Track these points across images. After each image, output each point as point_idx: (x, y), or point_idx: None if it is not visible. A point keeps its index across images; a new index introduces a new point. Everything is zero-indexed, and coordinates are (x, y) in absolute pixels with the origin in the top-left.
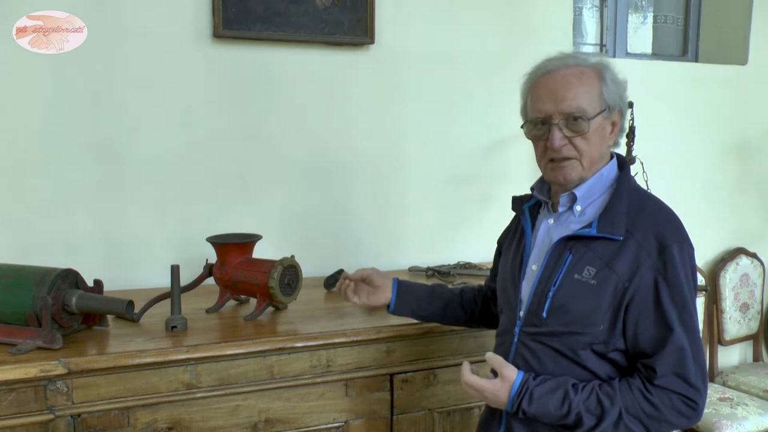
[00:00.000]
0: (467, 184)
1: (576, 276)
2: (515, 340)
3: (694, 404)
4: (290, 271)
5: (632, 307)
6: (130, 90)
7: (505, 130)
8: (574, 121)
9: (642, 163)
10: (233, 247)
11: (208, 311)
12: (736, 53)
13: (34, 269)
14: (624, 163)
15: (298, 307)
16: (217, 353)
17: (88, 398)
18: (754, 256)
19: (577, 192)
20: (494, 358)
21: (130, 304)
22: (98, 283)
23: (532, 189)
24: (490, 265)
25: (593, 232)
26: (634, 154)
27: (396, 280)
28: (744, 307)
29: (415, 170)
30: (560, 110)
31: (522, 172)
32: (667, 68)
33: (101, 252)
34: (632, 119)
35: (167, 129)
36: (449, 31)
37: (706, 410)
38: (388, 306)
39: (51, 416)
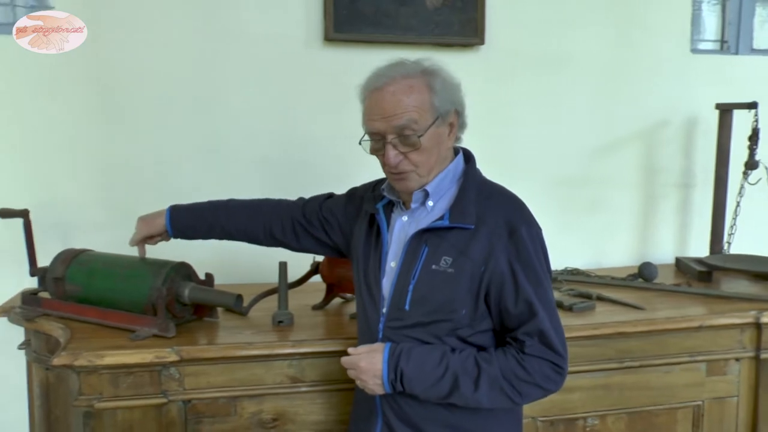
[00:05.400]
0: (574, 187)
1: (434, 266)
2: (380, 336)
3: (560, 369)
4: None
5: (492, 289)
6: (243, 92)
7: (615, 132)
8: (406, 137)
9: (766, 168)
10: None
11: (314, 308)
12: None
13: (151, 261)
14: (470, 156)
15: None
16: (322, 349)
17: (198, 385)
18: None
19: (429, 188)
20: (357, 348)
21: (239, 297)
22: (209, 277)
23: (382, 190)
24: (596, 271)
25: (446, 223)
26: (757, 158)
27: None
28: None
29: (523, 172)
30: (392, 127)
31: (632, 176)
32: None
33: (213, 247)
34: (756, 120)
35: (278, 130)
36: (560, 31)
37: None
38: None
39: (164, 400)
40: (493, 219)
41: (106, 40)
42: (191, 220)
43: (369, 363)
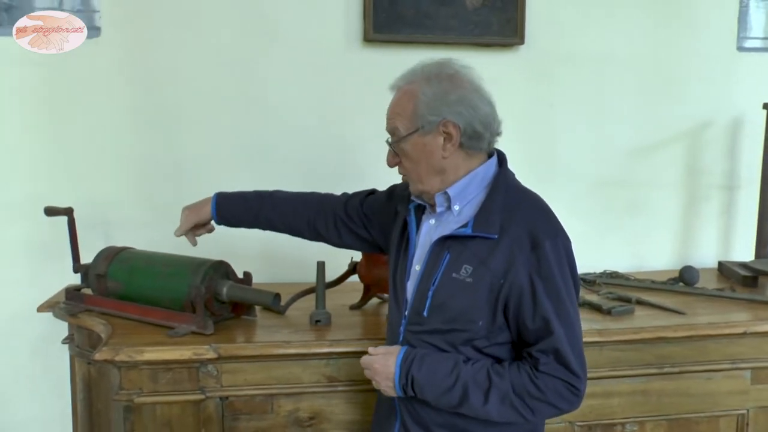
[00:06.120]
0: (615, 188)
1: (454, 275)
2: (401, 339)
3: (575, 390)
4: None
5: (511, 302)
6: (283, 93)
7: (657, 132)
8: (392, 142)
9: None
10: None
11: (351, 308)
12: None
13: (190, 259)
14: (503, 159)
15: None
16: (359, 349)
17: (235, 383)
18: None
19: (450, 191)
20: (376, 349)
21: (277, 296)
22: (247, 275)
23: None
24: (636, 274)
25: (468, 231)
26: None
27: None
28: None
29: (563, 173)
30: (388, 130)
31: (674, 178)
32: None
33: (252, 245)
34: None
35: (318, 131)
36: (601, 29)
37: None
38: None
39: (202, 396)
40: (517, 229)
41: (149, 41)
42: (236, 208)
43: (383, 365)
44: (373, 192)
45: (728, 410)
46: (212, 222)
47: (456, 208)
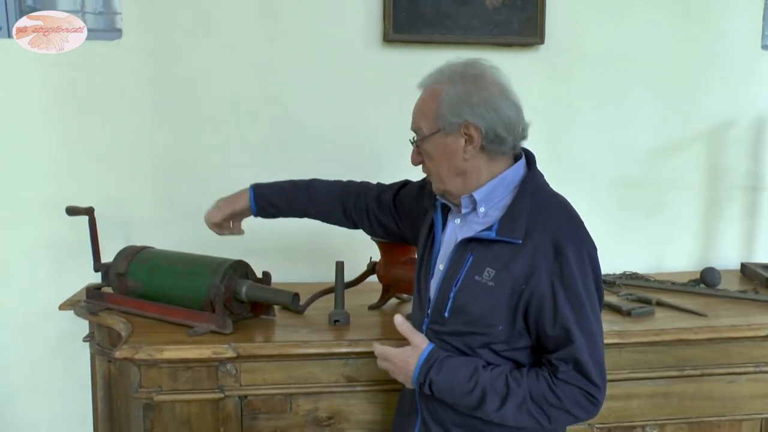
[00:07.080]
0: (635, 188)
1: (476, 277)
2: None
3: (594, 399)
4: None
5: (531, 308)
6: (303, 94)
7: (679, 132)
8: (415, 142)
9: None
10: (397, 246)
11: (370, 308)
12: None
13: (210, 259)
14: (532, 161)
15: None
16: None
17: (254, 382)
18: None
19: (477, 195)
20: (404, 325)
21: (296, 296)
22: (266, 275)
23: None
24: (655, 275)
25: (492, 235)
26: None
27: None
28: None
29: (583, 173)
30: (412, 129)
31: (695, 178)
32: None
33: (271, 245)
34: None
35: (338, 131)
36: (623, 30)
37: None
38: (251, 211)
39: (221, 395)
40: (541, 235)
41: (170, 43)
42: (274, 199)
43: (403, 362)
44: (406, 184)
45: (751, 414)
46: (251, 214)
47: (482, 210)
